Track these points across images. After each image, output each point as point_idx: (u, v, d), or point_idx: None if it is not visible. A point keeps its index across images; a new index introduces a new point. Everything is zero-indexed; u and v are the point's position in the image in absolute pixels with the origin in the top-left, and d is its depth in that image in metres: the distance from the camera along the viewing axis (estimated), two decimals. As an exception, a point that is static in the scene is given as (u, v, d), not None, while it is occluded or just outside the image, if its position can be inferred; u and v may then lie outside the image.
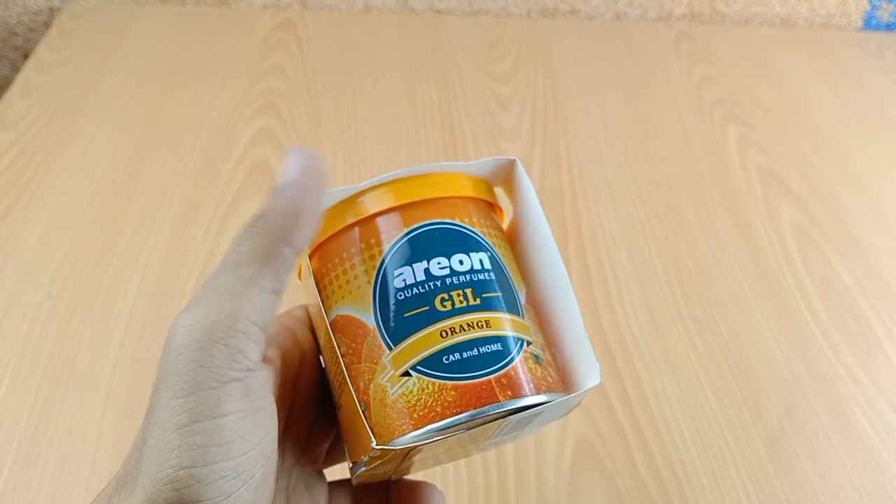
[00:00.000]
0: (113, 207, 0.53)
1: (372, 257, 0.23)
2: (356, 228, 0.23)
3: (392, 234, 0.23)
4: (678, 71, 0.71)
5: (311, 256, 0.25)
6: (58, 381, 0.42)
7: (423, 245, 0.23)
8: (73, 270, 0.48)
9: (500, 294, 0.23)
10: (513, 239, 0.26)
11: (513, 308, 0.23)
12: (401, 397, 0.21)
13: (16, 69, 0.80)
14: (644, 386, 0.44)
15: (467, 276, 0.22)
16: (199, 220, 0.52)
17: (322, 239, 0.24)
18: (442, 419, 0.20)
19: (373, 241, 0.23)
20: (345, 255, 0.23)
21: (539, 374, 0.22)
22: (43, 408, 0.41)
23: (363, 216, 0.23)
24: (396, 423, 0.21)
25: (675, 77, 0.71)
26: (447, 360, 0.21)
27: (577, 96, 0.67)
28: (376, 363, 0.22)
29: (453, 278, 0.22)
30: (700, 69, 0.72)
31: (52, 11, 0.76)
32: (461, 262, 0.22)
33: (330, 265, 0.24)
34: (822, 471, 0.40)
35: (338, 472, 0.27)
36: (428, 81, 0.67)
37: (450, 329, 0.21)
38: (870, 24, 0.83)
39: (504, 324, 0.22)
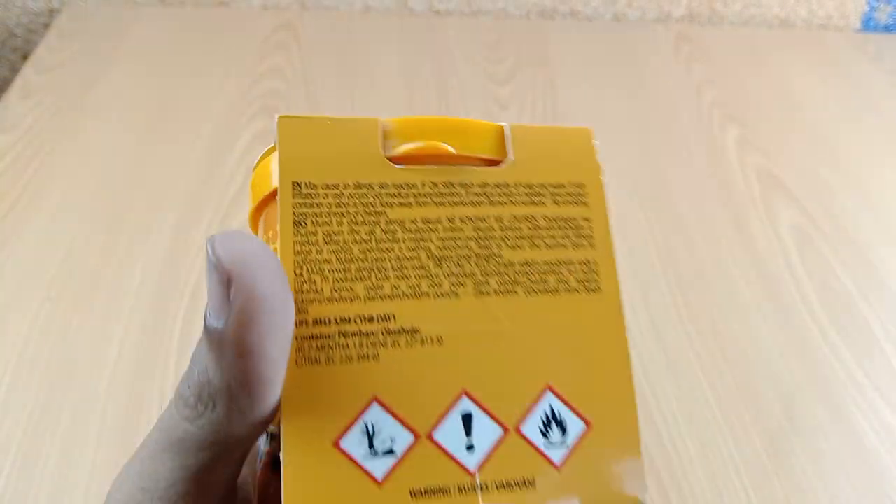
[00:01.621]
0: (113, 208, 0.53)
1: None
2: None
3: None
4: (677, 72, 0.72)
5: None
6: (58, 382, 0.42)
7: None
8: (72, 271, 0.48)
9: None
10: None
11: None
12: None
13: (15, 70, 0.80)
14: (643, 386, 0.44)
15: None
16: (198, 221, 0.52)
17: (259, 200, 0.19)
18: None
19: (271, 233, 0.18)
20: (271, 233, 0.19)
21: None
22: (43, 409, 0.41)
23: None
24: None
25: (673, 78, 0.71)
26: None
27: (576, 97, 0.67)
28: None
29: None
30: (699, 70, 0.72)
31: (52, 13, 0.76)
32: None
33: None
34: (822, 471, 0.40)
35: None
36: (427, 82, 0.67)
37: None
38: (868, 25, 0.84)
39: None
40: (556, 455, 0.17)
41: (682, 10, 0.81)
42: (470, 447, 0.16)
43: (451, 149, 0.18)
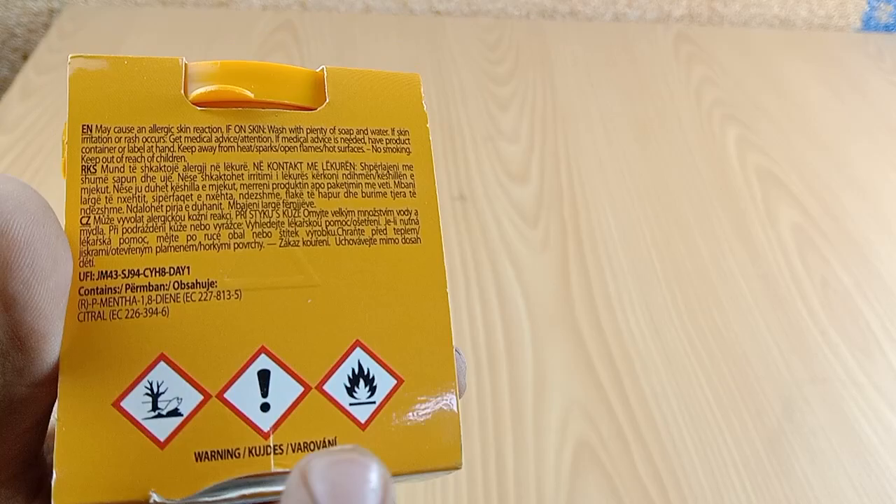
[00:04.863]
0: (112, 208, 0.53)
1: None
2: None
3: None
4: (677, 72, 0.71)
5: None
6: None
7: None
8: (72, 271, 0.48)
9: None
10: None
11: None
12: None
13: (15, 70, 0.80)
14: (643, 387, 0.44)
15: None
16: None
17: None
18: None
19: None
20: None
21: None
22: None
23: None
24: None
25: (674, 78, 0.71)
26: None
27: (576, 97, 0.67)
28: None
29: None
30: (699, 70, 0.72)
31: (52, 13, 0.76)
32: None
33: None
34: (821, 471, 0.40)
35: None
36: (427, 83, 0.67)
37: None
38: (868, 24, 0.84)
39: None
40: (362, 413, 0.16)
41: (682, 10, 0.81)
42: (265, 407, 0.15)
43: (248, 93, 0.17)
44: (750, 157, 0.62)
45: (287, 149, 0.17)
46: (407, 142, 0.18)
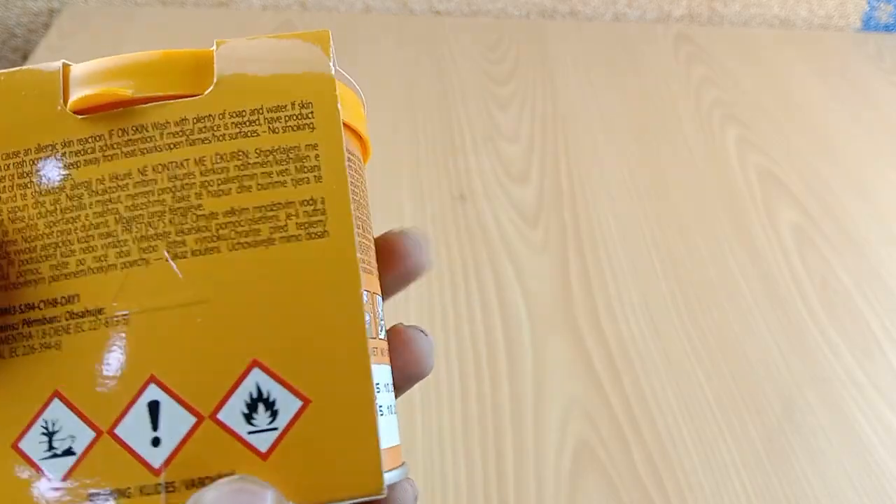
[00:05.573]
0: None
1: None
2: None
3: None
4: (677, 72, 0.71)
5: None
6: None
7: None
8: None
9: None
10: None
11: None
12: None
13: (15, 70, 0.80)
14: (643, 387, 0.44)
15: None
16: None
17: None
18: None
19: None
20: None
21: None
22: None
23: None
24: None
25: (673, 78, 0.71)
26: None
27: (575, 97, 0.67)
28: None
29: None
30: (699, 70, 0.72)
31: (52, 13, 0.76)
32: None
33: None
34: (822, 471, 0.40)
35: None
36: (427, 82, 0.67)
37: None
38: (868, 24, 0.84)
39: None
40: (263, 442, 0.14)
41: (682, 10, 0.81)
42: (156, 441, 0.14)
43: (126, 91, 0.15)
44: (750, 157, 0.62)
45: (172, 146, 0.15)
46: (310, 116, 0.16)
